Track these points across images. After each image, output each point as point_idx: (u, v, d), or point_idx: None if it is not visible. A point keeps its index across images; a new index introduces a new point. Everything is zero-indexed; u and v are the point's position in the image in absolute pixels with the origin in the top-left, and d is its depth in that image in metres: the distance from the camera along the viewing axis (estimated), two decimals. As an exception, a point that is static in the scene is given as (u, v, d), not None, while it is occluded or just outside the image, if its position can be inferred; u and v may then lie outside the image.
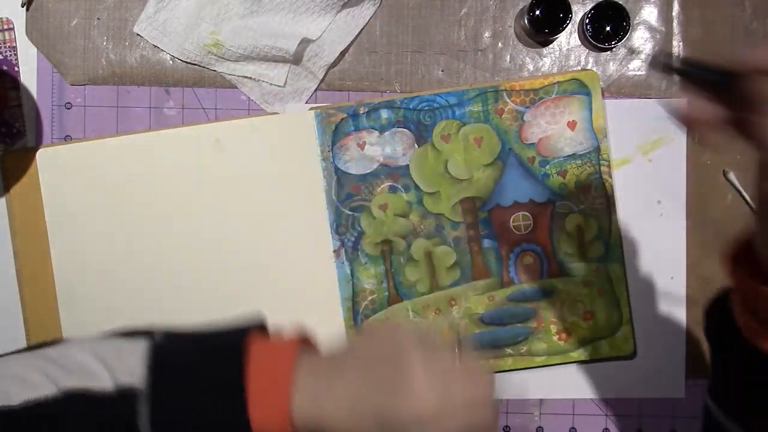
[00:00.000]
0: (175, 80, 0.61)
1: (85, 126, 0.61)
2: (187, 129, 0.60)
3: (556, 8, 0.58)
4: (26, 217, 0.59)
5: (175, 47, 0.60)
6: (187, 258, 0.59)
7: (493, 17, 0.61)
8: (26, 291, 0.59)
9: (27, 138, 0.60)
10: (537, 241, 0.60)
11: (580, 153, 0.60)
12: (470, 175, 0.59)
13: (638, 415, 0.61)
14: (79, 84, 0.60)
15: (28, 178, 0.59)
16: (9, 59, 0.60)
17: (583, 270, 0.60)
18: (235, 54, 0.59)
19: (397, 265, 0.60)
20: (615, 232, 0.60)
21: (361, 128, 0.59)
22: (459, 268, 0.60)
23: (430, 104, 0.59)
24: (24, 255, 0.59)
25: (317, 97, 0.61)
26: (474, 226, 0.60)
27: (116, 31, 0.60)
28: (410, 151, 0.60)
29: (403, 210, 0.60)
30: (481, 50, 0.61)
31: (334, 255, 0.60)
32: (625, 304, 0.60)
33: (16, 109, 0.60)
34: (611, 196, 0.60)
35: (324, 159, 0.59)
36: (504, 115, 0.59)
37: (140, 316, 0.59)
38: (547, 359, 0.60)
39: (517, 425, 0.61)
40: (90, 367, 0.47)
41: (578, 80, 0.59)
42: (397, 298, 0.60)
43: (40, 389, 0.45)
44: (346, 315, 0.60)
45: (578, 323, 0.60)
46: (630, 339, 0.60)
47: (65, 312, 0.59)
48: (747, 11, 0.61)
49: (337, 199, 0.60)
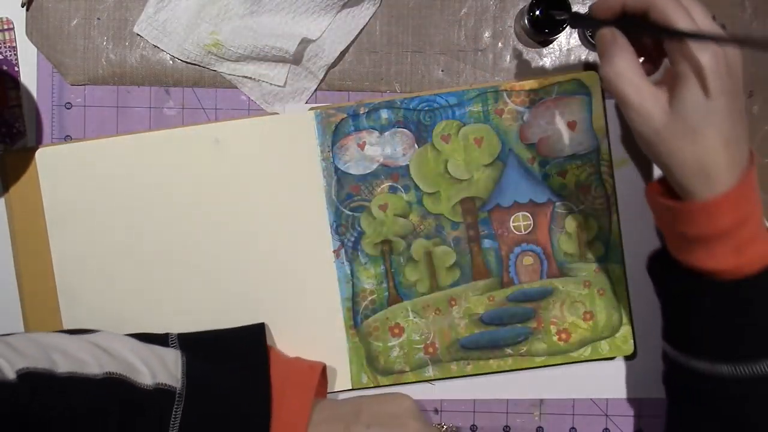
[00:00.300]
0: (175, 80, 0.61)
1: (85, 126, 0.61)
2: (187, 129, 0.60)
3: (556, 8, 0.58)
4: (26, 217, 0.59)
5: (175, 47, 0.60)
6: (188, 258, 0.59)
7: (493, 17, 0.61)
8: (26, 291, 0.59)
9: (27, 138, 0.60)
10: (537, 241, 0.60)
11: (580, 153, 0.60)
12: (470, 175, 0.59)
13: (638, 415, 0.61)
14: (79, 84, 0.60)
15: (28, 178, 0.59)
16: (9, 59, 0.60)
17: (583, 270, 0.60)
18: (235, 54, 0.59)
19: (397, 265, 0.60)
20: (615, 232, 0.60)
21: (361, 128, 0.59)
22: (459, 268, 0.60)
23: (430, 104, 0.59)
24: (24, 255, 0.59)
25: (317, 97, 0.61)
26: (474, 226, 0.60)
27: (116, 31, 0.60)
28: (410, 152, 0.60)
29: (403, 210, 0.60)
30: (481, 50, 0.61)
31: (334, 255, 0.60)
32: (625, 304, 0.60)
33: (16, 109, 0.60)
34: (611, 196, 0.60)
35: (324, 159, 0.59)
36: (504, 116, 0.59)
37: (140, 315, 0.59)
38: (547, 359, 0.60)
39: (517, 425, 0.61)
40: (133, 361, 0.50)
41: (578, 80, 0.59)
42: (397, 298, 0.60)
43: (87, 367, 0.49)
44: (346, 315, 0.60)
45: (578, 323, 0.60)
46: (630, 339, 0.60)
47: (65, 312, 0.59)
48: (747, 11, 0.61)
49: (337, 199, 0.60)
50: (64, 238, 0.59)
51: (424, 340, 0.60)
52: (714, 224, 0.46)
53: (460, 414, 0.61)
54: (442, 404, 0.61)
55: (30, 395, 0.45)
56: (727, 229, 0.46)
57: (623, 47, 0.47)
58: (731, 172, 0.46)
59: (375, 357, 0.60)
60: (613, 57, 0.47)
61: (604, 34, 0.48)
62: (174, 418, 0.49)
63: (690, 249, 0.49)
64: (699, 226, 0.47)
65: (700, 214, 0.46)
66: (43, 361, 0.47)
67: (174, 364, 0.51)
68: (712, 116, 0.45)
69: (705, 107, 0.45)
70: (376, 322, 0.60)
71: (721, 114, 0.45)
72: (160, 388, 0.49)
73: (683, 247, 0.49)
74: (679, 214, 0.48)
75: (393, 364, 0.60)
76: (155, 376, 0.50)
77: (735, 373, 0.48)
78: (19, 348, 0.48)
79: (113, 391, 0.48)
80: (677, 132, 0.46)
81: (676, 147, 0.46)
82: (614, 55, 0.47)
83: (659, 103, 0.46)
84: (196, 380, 0.51)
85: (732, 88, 0.45)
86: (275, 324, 0.59)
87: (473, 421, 0.61)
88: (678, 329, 0.53)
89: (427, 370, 0.60)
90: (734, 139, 0.46)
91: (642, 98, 0.46)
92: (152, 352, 0.52)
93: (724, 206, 0.46)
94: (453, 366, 0.60)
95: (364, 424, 0.51)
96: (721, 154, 0.45)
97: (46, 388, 0.46)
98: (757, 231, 0.47)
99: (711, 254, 0.47)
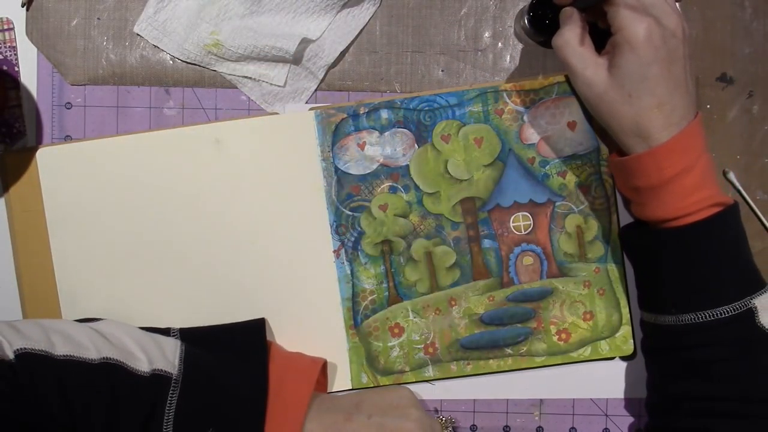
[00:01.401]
0: (175, 80, 0.61)
1: (85, 126, 0.61)
2: (187, 129, 0.60)
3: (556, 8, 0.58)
4: (26, 217, 0.59)
5: (175, 47, 0.60)
6: (187, 258, 0.59)
7: (493, 17, 0.61)
8: (26, 291, 0.60)
9: (27, 138, 0.60)
10: (537, 241, 0.60)
11: (580, 153, 0.60)
12: (470, 175, 0.59)
13: (638, 415, 0.61)
14: (79, 84, 0.60)
15: (28, 178, 0.59)
16: (9, 59, 0.60)
17: (583, 270, 0.60)
18: (235, 54, 0.59)
19: (397, 266, 0.60)
20: (615, 232, 0.60)
21: (361, 128, 0.59)
22: (459, 268, 0.60)
23: (430, 104, 0.59)
24: (24, 255, 0.59)
25: (317, 97, 0.61)
26: (474, 226, 0.60)
27: (116, 31, 0.60)
28: (410, 152, 0.60)
29: (403, 210, 0.60)
30: (481, 50, 0.61)
31: (334, 255, 0.60)
32: (625, 305, 0.60)
33: (16, 109, 0.60)
34: (611, 196, 0.60)
35: (324, 159, 0.59)
36: (504, 116, 0.59)
37: (141, 315, 0.59)
38: (547, 359, 0.60)
39: (517, 425, 0.61)
40: (131, 348, 0.52)
41: (578, 80, 0.59)
42: (397, 298, 0.60)
43: (84, 351, 0.50)
44: (346, 315, 0.60)
45: (578, 323, 0.60)
46: (630, 339, 0.60)
47: (66, 311, 0.59)
48: (747, 11, 0.61)
49: (337, 199, 0.60)
50: (64, 238, 0.59)
51: (424, 340, 0.60)
52: (657, 173, 0.50)
53: (460, 414, 0.61)
54: (442, 404, 0.61)
55: (26, 375, 0.46)
56: (670, 177, 0.50)
57: (574, 20, 0.52)
58: (668, 130, 0.50)
59: (375, 357, 0.60)
60: (563, 28, 0.52)
61: (564, 11, 0.53)
62: (170, 404, 0.50)
63: (643, 202, 0.53)
64: (644, 177, 0.51)
65: (641, 163, 0.51)
66: (41, 343, 0.48)
67: (172, 352, 0.52)
68: (645, 82, 0.50)
69: (638, 74, 0.49)
70: (376, 322, 0.60)
71: (654, 80, 0.49)
72: (156, 374, 0.50)
73: (639, 202, 0.54)
74: (624, 168, 0.53)
75: (393, 364, 0.60)
76: (152, 362, 0.51)
77: (697, 320, 0.51)
78: (22, 329, 0.49)
79: (108, 376, 0.49)
80: (616, 96, 0.51)
81: (615, 110, 0.51)
82: (564, 26, 0.52)
83: (600, 70, 0.51)
84: (193, 367, 0.52)
85: (667, 56, 0.50)
86: (275, 323, 0.60)
87: (473, 421, 0.61)
88: (645, 290, 0.57)
89: (427, 370, 0.60)
90: (669, 102, 0.50)
91: (585, 66, 0.51)
92: (152, 339, 0.53)
93: (660, 155, 0.50)
94: (453, 366, 0.60)
95: (365, 414, 0.52)
96: (656, 115, 0.50)
97: (41, 369, 0.47)
98: (702, 179, 0.51)
99: (660, 203, 0.51)
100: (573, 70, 0.52)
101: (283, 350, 0.57)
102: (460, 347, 0.60)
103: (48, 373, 0.47)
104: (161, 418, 0.49)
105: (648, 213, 0.53)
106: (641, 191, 0.52)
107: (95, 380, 0.49)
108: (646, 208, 0.53)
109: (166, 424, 0.49)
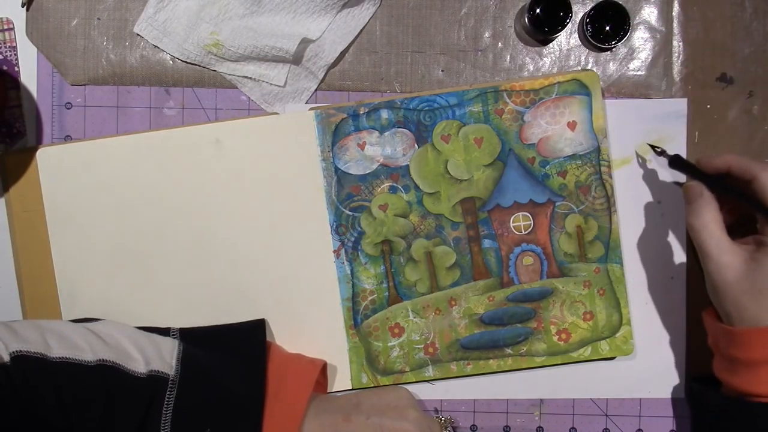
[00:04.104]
0: (175, 80, 0.61)
1: (85, 126, 0.61)
2: (187, 129, 0.60)
3: (556, 7, 0.58)
4: (26, 217, 0.59)
5: (175, 47, 0.60)
6: (188, 258, 0.59)
7: (493, 17, 0.61)
8: (26, 291, 0.60)
9: (27, 138, 0.60)
10: (537, 241, 0.60)
11: (580, 153, 0.60)
12: (470, 175, 0.59)
13: (638, 415, 0.61)
14: (79, 84, 0.60)
15: (28, 178, 0.59)
16: (9, 59, 0.60)
17: (583, 270, 0.60)
18: (235, 54, 0.59)
19: (397, 266, 0.60)
20: (615, 232, 0.60)
21: (361, 128, 0.59)
22: (459, 268, 0.60)
23: (430, 104, 0.59)
24: (24, 255, 0.59)
25: (317, 97, 0.61)
26: (474, 226, 0.60)
27: (116, 31, 0.60)
28: (410, 152, 0.60)
29: (403, 210, 0.60)
30: (481, 50, 0.61)
31: (334, 255, 0.60)
32: (625, 305, 0.60)
33: (16, 109, 0.60)
34: (611, 196, 0.60)
35: (324, 159, 0.59)
36: (504, 116, 0.59)
37: (141, 315, 0.59)
38: (547, 359, 0.60)
39: (517, 425, 0.61)
40: (128, 350, 0.52)
41: (578, 80, 0.59)
42: (397, 298, 0.60)
43: (80, 353, 0.50)
44: (346, 315, 0.60)
45: (578, 323, 0.60)
46: (630, 339, 0.60)
47: (66, 311, 0.59)
48: (747, 11, 0.61)
49: (337, 199, 0.60)
50: (64, 238, 0.59)
51: (424, 340, 0.60)
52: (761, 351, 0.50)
53: (460, 414, 0.61)
54: (442, 404, 0.61)
55: (21, 378, 0.47)
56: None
57: (709, 202, 0.53)
58: None
59: (375, 357, 0.60)
60: (701, 209, 0.52)
61: (693, 186, 0.54)
62: (167, 405, 0.50)
63: (736, 371, 0.52)
64: (747, 350, 0.51)
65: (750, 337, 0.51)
66: (37, 345, 0.48)
67: (169, 353, 0.53)
68: None
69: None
70: (376, 322, 0.60)
71: None
72: (152, 375, 0.50)
73: (730, 369, 0.53)
74: (727, 335, 0.52)
75: (393, 364, 0.60)
76: (149, 363, 0.51)
77: None
78: (19, 331, 0.49)
79: (104, 378, 0.49)
80: (745, 288, 0.51)
81: (740, 299, 0.51)
82: (702, 207, 0.53)
83: (737, 259, 0.51)
84: (190, 367, 0.52)
85: None
86: (275, 324, 0.60)
87: (473, 421, 0.61)
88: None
89: (427, 370, 0.60)
90: None
91: (720, 252, 0.52)
92: (150, 340, 0.53)
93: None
94: (453, 366, 0.60)
95: (363, 415, 0.52)
96: None
97: (36, 371, 0.47)
98: None
99: (756, 378, 0.51)
100: (709, 253, 0.52)
101: (283, 351, 0.57)
102: (460, 347, 0.60)
103: (43, 376, 0.47)
104: (158, 418, 0.49)
105: (737, 382, 0.52)
106: (737, 361, 0.52)
107: (91, 382, 0.49)
108: (736, 376, 0.52)
109: (163, 425, 0.49)
